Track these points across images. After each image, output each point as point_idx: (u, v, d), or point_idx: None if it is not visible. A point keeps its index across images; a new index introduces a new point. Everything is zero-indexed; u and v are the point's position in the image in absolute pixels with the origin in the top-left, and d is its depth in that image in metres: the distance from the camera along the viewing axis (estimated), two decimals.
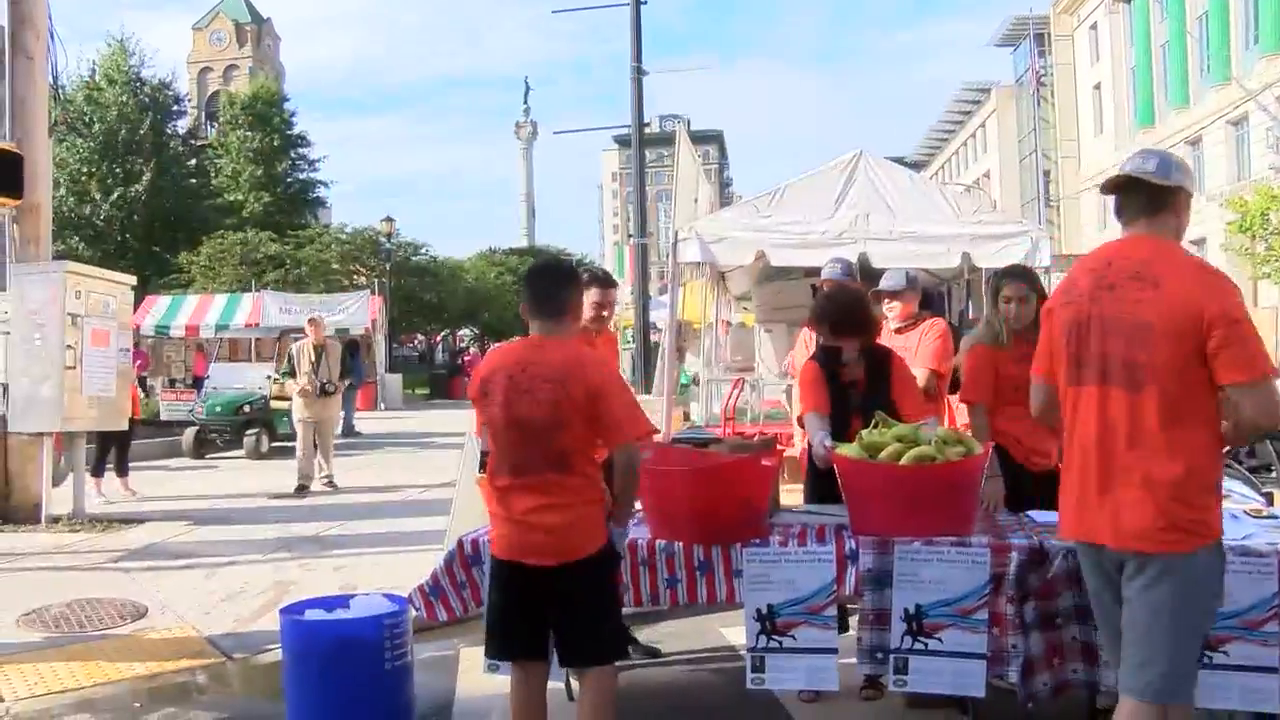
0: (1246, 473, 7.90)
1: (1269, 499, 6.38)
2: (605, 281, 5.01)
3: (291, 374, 11.44)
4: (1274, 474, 8.08)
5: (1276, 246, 23.82)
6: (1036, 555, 3.51)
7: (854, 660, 3.70)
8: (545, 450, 3.33)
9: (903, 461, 3.63)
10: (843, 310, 4.40)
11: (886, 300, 5.39)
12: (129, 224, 38.81)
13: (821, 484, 4.37)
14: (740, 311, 11.74)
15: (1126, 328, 2.79)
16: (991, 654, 3.47)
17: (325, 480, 11.26)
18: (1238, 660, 3.35)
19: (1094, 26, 45.37)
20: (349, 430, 18.60)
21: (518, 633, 3.48)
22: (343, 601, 4.18)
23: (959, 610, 3.50)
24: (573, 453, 3.34)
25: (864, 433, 3.87)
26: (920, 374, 5.07)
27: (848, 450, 3.82)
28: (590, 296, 4.76)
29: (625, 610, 5.15)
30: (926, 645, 3.52)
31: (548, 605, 3.39)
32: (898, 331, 5.34)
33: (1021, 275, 4.70)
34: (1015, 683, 3.42)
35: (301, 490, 10.91)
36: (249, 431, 14.93)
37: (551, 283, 3.57)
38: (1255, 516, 3.96)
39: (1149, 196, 2.89)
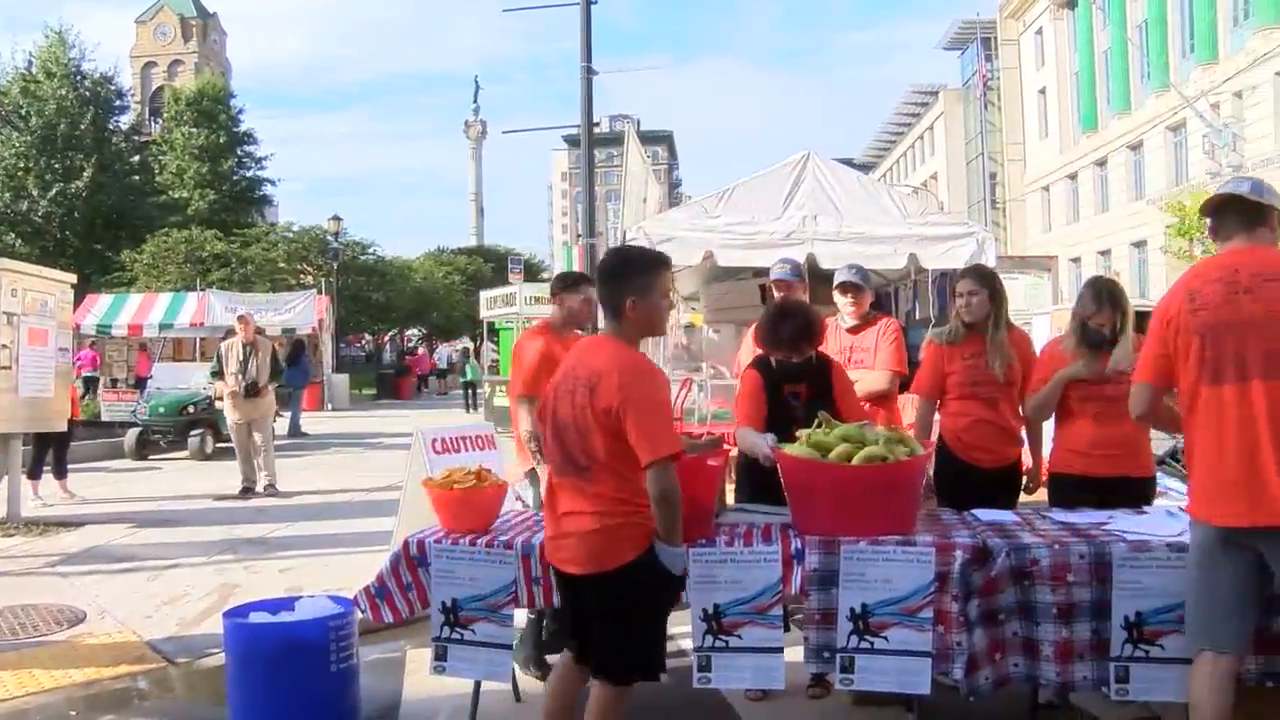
0: (1185, 470, 8.06)
1: None
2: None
3: (219, 374, 11.11)
4: None
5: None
6: (980, 553, 3.55)
7: (800, 659, 3.72)
8: (574, 454, 3.22)
9: (855, 461, 3.66)
10: (798, 327, 4.38)
11: (847, 294, 5.31)
12: (69, 221, 38.09)
13: (754, 482, 4.40)
14: (689, 311, 11.77)
15: (1276, 325, 3.11)
16: (937, 652, 3.50)
17: (266, 486, 10.90)
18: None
19: (1039, 32, 46.14)
20: (295, 431, 18.39)
21: (567, 629, 3.49)
22: (288, 604, 4.13)
23: (904, 609, 3.53)
24: (599, 461, 3.16)
25: (808, 432, 3.88)
26: (882, 376, 5.11)
27: (793, 450, 3.84)
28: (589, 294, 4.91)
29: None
30: (873, 644, 3.55)
31: (581, 609, 3.35)
32: (852, 330, 5.30)
33: (976, 274, 4.87)
34: (959, 679, 3.46)
35: (246, 492, 10.72)
36: (193, 432, 14.71)
37: (607, 276, 3.35)
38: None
39: (1246, 214, 3.29)
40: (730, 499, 4.68)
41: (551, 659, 5.07)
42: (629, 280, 3.26)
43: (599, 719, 3.28)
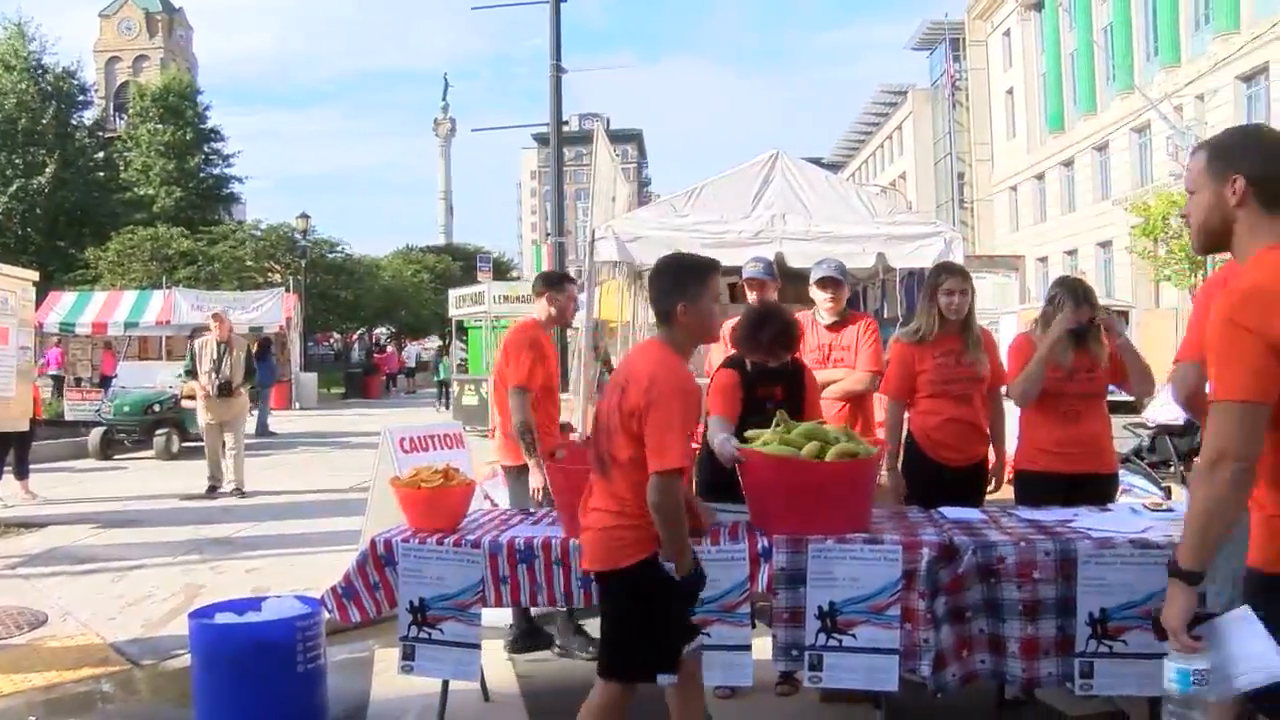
0: (1147, 468, 8.19)
1: (1167, 493, 6.64)
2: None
3: (193, 372, 10.91)
4: (1172, 469, 8.37)
5: (1177, 250, 24.67)
6: (947, 551, 3.58)
7: (768, 657, 3.73)
8: (601, 452, 3.25)
9: (828, 458, 3.68)
10: (777, 331, 4.38)
11: (826, 290, 5.27)
12: (30, 217, 37.59)
13: (713, 479, 4.41)
14: None
15: None
16: (904, 649, 3.53)
17: (233, 488, 10.72)
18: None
19: (1007, 33, 46.53)
20: (263, 430, 18.26)
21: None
22: (255, 604, 4.11)
23: (872, 607, 3.56)
24: (618, 462, 3.16)
25: (769, 433, 3.90)
26: (864, 377, 5.12)
27: (756, 448, 3.85)
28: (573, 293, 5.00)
29: (538, 610, 5.18)
30: (841, 642, 3.57)
31: None
32: (831, 328, 5.26)
33: (961, 273, 4.86)
34: (926, 676, 3.49)
35: (212, 491, 10.61)
36: (159, 431, 14.55)
37: (659, 281, 3.33)
38: (1154, 510, 4.10)
39: None
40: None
41: (535, 655, 5.09)
42: (679, 285, 3.24)
43: (593, 716, 3.26)
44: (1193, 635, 2.30)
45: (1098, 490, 4.38)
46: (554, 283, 5.51)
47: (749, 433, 3.95)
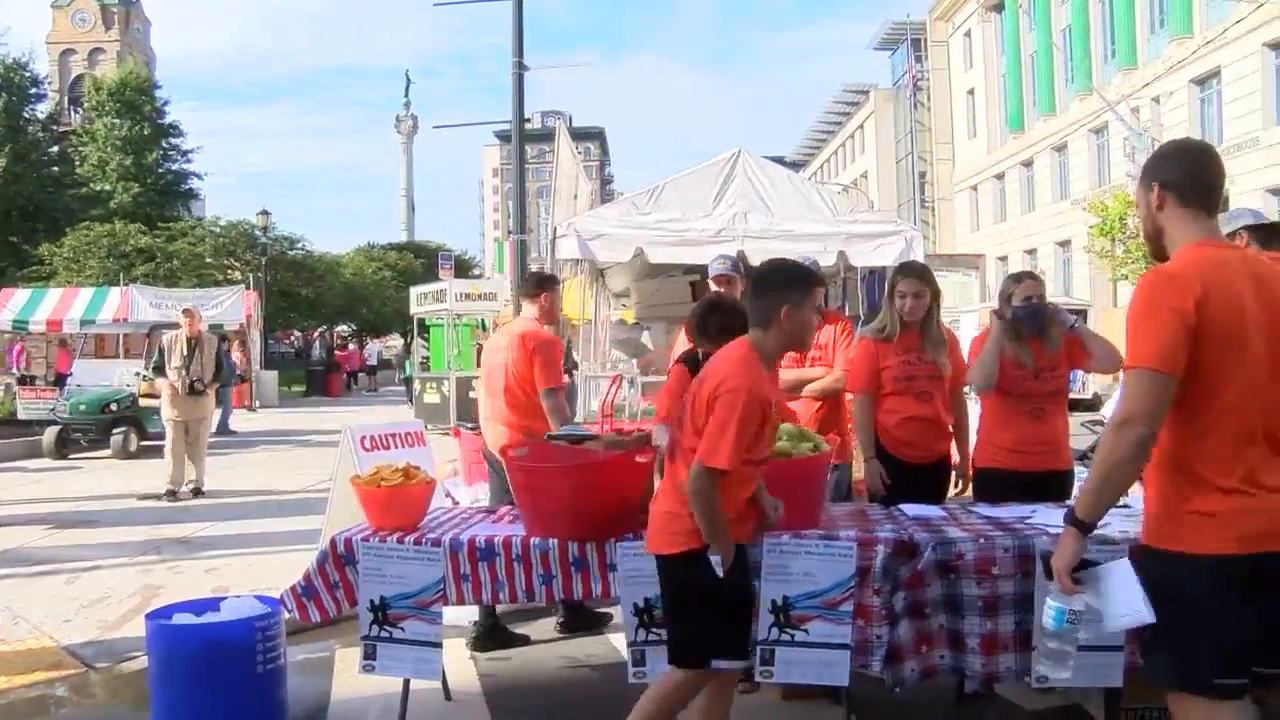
0: None
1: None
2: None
3: (160, 369, 10.58)
4: None
5: (1134, 249, 25.03)
6: (904, 548, 3.61)
7: None
8: (673, 439, 3.38)
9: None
10: (724, 321, 4.39)
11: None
12: None
13: None
14: (620, 308, 11.77)
15: None
16: (856, 644, 3.55)
17: (192, 488, 10.52)
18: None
19: (968, 34, 46.95)
20: (224, 429, 18.07)
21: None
22: (213, 604, 4.06)
23: (825, 602, 3.58)
24: (684, 451, 3.25)
25: None
26: (842, 376, 5.15)
27: None
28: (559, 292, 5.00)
29: (502, 608, 5.18)
30: (793, 637, 3.60)
31: None
32: None
33: (916, 272, 4.91)
34: (878, 672, 3.52)
35: (171, 495, 10.27)
36: (116, 430, 14.32)
37: (765, 283, 3.37)
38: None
39: None
40: None
41: (497, 654, 5.07)
42: (787, 290, 3.28)
43: (656, 701, 3.29)
44: (1075, 579, 2.57)
45: (1056, 487, 4.44)
46: (549, 283, 5.67)
47: None
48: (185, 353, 10.51)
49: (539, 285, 5.63)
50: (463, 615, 5.29)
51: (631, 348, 9.40)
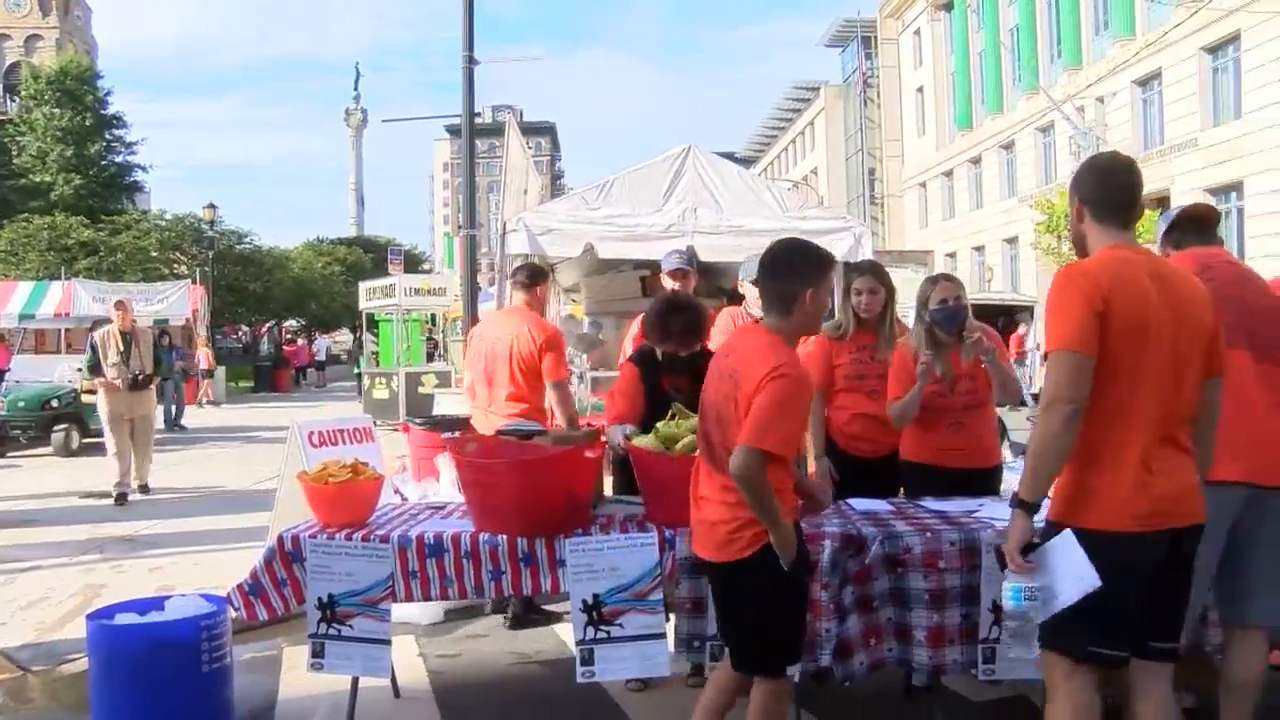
0: None
1: None
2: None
3: (96, 368, 10.01)
4: None
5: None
6: (852, 542, 3.64)
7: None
8: (712, 441, 3.17)
9: (677, 450, 3.72)
10: (687, 321, 4.38)
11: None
12: None
13: (629, 474, 4.42)
14: (570, 304, 11.74)
15: None
16: (805, 639, 3.57)
17: (137, 485, 10.19)
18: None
19: (917, 32, 47.41)
20: (173, 424, 17.81)
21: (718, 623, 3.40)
22: (157, 604, 3.99)
23: (634, 594, 3.64)
24: (730, 452, 3.03)
25: (660, 425, 3.92)
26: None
27: (643, 442, 3.89)
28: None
29: (450, 604, 5.15)
30: (609, 633, 3.66)
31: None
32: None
33: (872, 270, 4.95)
34: (826, 666, 3.54)
35: (121, 499, 9.79)
36: (57, 427, 14.07)
37: (783, 267, 3.17)
38: None
39: None
40: (609, 491, 4.70)
41: (445, 651, 5.04)
42: (810, 271, 3.13)
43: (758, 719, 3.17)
44: (1027, 560, 2.76)
45: (982, 483, 4.50)
46: (540, 275, 5.80)
47: (659, 425, 3.97)
48: (121, 347, 10.06)
49: (534, 277, 5.69)
50: (411, 613, 5.27)
51: (586, 343, 9.38)
